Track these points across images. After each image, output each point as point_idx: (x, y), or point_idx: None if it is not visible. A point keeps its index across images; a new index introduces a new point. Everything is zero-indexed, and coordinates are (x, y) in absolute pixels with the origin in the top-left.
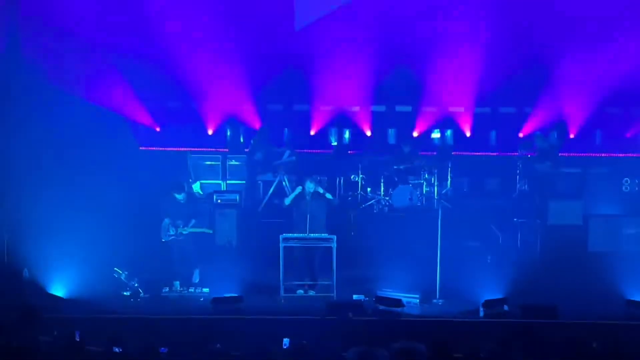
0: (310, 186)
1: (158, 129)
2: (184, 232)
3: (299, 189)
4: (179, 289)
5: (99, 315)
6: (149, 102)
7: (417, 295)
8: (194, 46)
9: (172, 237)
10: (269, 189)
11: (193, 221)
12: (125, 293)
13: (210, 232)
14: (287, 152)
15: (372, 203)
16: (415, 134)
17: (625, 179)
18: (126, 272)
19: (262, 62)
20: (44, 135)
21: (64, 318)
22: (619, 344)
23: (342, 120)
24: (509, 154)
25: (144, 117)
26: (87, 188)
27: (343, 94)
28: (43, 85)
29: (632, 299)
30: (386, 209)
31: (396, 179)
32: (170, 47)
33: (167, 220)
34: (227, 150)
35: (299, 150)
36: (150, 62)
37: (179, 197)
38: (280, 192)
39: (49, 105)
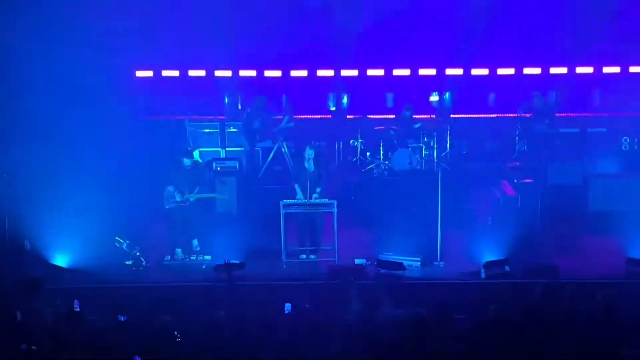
0: (309, 153)
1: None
2: (191, 199)
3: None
4: (181, 256)
5: (102, 285)
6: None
7: (418, 258)
8: (188, 10)
9: (178, 204)
10: (268, 156)
11: (198, 188)
12: (127, 262)
13: (222, 197)
14: (286, 118)
15: (371, 167)
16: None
17: (625, 137)
18: (128, 241)
19: (260, 29)
20: (43, 106)
21: (66, 288)
22: (620, 301)
23: (340, 85)
24: (508, 115)
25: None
26: (87, 158)
27: (342, 58)
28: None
29: (633, 257)
30: (386, 173)
31: (395, 142)
32: (165, 11)
33: (170, 188)
34: (225, 117)
35: (297, 116)
36: (145, 28)
37: (187, 162)
38: (280, 159)
39: (48, 76)
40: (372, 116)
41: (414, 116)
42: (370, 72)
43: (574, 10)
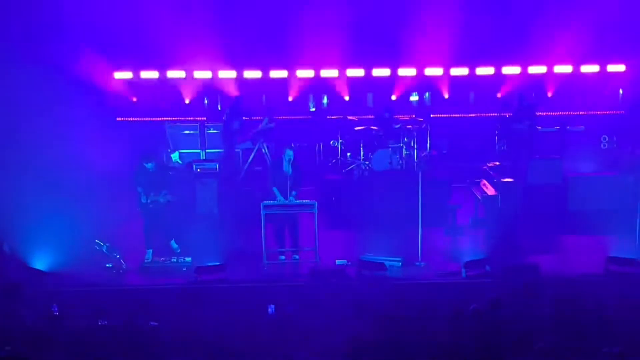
0: (288, 154)
1: (134, 99)
2: (160, 200)
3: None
4: (150, 258)
5: (82, 288)
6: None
7: (399, 259)
8: (167, 11)
9: (145, 205)
10: (249, 157)
11: (165, 191)
12: (107, 265)
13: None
14: (266, 120)
15: (352, 168)
16: (393, 98)
17: (604, 136)
18: (107, 244)
19: (239, 29)
20: (21, 108)
21: (46, 292)
22: (599, 299)
23: (320, 85)
24: (487, 114)
25: (119, 88)
26: (67, 161)
27: (321, 57)
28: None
29: (612, 255)
30: (366, 173)
31: (375, 143)
32: (144, 12)
33: (139, 189)
34: (205, 119)
35: (277, 117)
36: (123, 29)
37: (148, 166)
38: (260, 160)
39: (24, 76)
40: (352, 117)
41: (393, 116)
42: (350, 72)
43: (552, 8)
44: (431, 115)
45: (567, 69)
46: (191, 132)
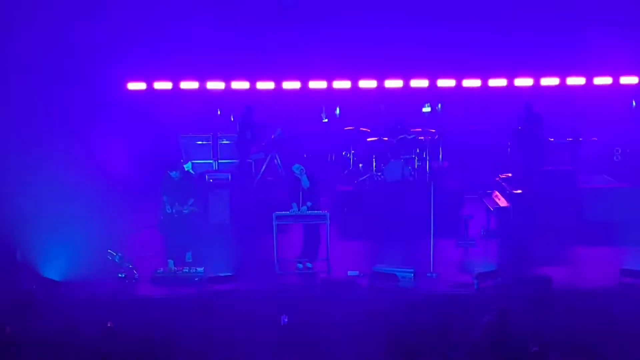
0: (299, 168)
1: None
2: (185, 211)
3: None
4: (173, 268)
5: (94, 298)
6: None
7: (411, 270)
8: (181, 20)
9: (169, 215)
10: (261, 167)
11: (192, 200)
12: (120, 275)
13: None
14: (279, 130)
15: (364, 179)
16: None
17: (617, 148)
18: (120, 254)
19: (252, 41)
20: (35, 117)
21: (58, 301)
22: (613, 311)
23: (332, 97)
24: (499, 126)
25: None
26: (80, 171)
27: (333, 69)
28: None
29: (626, 267)
30: (379, 184)
31: (388, 154)
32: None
33: (165, 198)
34: (217, 129)
35: (290, 128)
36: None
37: (174, 174)
38: (273, 170)
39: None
40: (364, 128)
41: (406, 127)
42: (363, 83)
43: (565, 20)
44: (443, 127)
45: (580, 80)
46: (204, 142)
